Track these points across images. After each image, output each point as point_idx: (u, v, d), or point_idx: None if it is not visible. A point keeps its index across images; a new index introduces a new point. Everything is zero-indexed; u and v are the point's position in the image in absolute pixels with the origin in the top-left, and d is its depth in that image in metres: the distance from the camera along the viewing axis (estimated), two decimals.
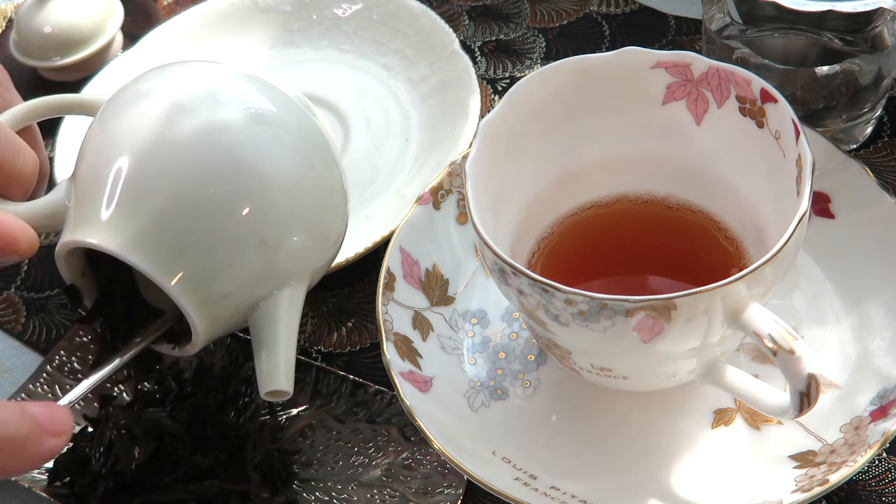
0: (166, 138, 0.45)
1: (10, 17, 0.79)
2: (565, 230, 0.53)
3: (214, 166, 0.44)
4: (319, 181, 0.47)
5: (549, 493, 0.48)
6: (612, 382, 0.50)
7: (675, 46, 0.70)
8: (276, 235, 0.46)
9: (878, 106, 0.61)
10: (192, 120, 0.45)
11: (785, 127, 0.47)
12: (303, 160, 0.46)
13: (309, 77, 0.71)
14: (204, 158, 0.44)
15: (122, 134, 0.46)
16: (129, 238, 0.44)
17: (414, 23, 0.70)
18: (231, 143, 0.45)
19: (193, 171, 0.44)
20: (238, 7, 0.74)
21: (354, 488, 0.52)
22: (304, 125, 0.47)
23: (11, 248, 0.44)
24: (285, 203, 0.46)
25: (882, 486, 0.50)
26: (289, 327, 0.46)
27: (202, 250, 0.44)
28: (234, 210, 0.45)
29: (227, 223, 0.44)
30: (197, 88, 0.47)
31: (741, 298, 0.43)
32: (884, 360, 0.50)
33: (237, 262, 0.45)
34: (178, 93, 0.46)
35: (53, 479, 0.52)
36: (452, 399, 0.52)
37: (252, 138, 0.45)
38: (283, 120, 0.47)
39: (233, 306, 0.46)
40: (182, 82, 0.47)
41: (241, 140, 0.45)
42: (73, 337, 0.58)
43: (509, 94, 0.50)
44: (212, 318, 0.45)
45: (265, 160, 0.45)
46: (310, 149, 0.47)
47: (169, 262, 0.44)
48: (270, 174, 0.45)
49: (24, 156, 0.46)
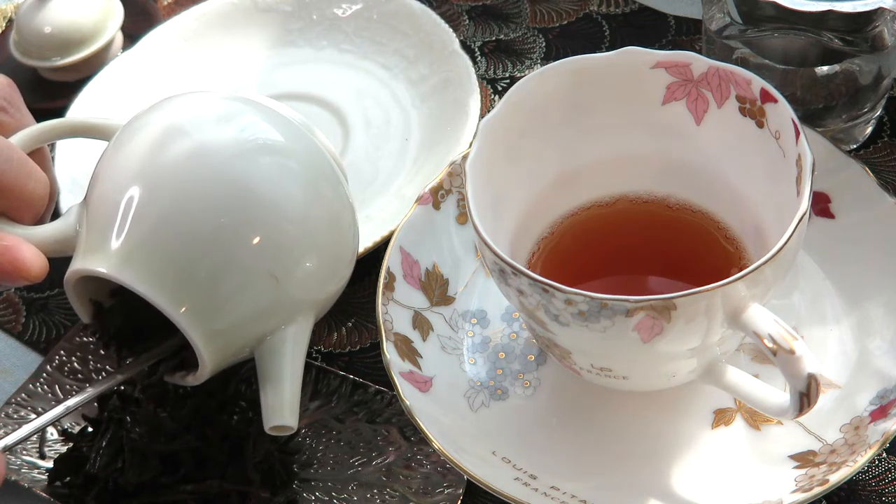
0: (178, 170, 0.45)
1: (10, 17, 0.79)
2: (565, 230, 0.53)
3: (225, 199, 0.45)
4: (329, 211, 0.47)
5: (549, 493, 0.48)
6: (612, 382, 0.50)
7: (675, 46, 0.70)
8: (287, 269, 0.46)
9: (878, 106, 0.61)
10: (203, 152, 0.45)
11: (785, 127, 0.47)
12: (312, 191, 0.47)
13: (309, 77, 0.71)
14: (215, 191, 0.45)
15: (134, 164, 0.46)
16: (138, 268, 0.44)
17: (414, 23, 0.70)
18: (241, 176, 0.45)
19: (204, 203, 0.44)
20: (238, 7, 0.74)
21: (354, 488, 0.52)
22: (311, 153, 0.47)
23: (23, 274, 0.44)
24: (296, 235, 0.46)
25: (882, 486, 0.50)
26: (294, 362, 0.47)
27: (211, 283, 0.44)
28: (245, 243, 0.45)
29: (238, 256, 0.45)
30: (207, 120, 0.47)
31: (741, 298, 0.43)
32: (884, 360, 0.50)
33: (246, 295, 0.45)
34: (189, 124, 0.46)
35: (53, 479, 0.52)
36: (452, 399, 0.52)
37: (262, 169, 0.45)
38: (291, 149, 0.47)
39: (240, 339, 0.46)
40: (193, 113, 0.47)
41: (250, 172, 0.45)
42: (73, 337, 0.58)
43: (509, 94, 0.50)
44: (219, 350, 0.46)
45: (275, 192, 0.45)
46: (318, 177, 0.47)
47: (178, 293, 0.44)
48: (281, 206, 0.45)
49: (35, 178, 0.46)
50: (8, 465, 0.53)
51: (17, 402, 0.56)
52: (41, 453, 0.54)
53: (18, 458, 0.53)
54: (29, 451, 0.54)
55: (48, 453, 0.54)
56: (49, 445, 0.54)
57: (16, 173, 0.45)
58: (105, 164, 0.47)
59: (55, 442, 0.54)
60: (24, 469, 0.53)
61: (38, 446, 0.54)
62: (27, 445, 0.54)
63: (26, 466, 0.53)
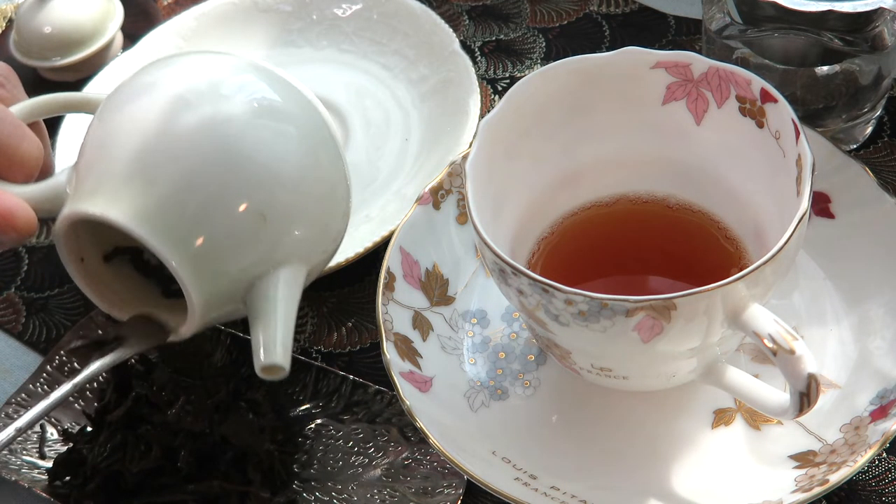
0: (168, 115, 0.46)
1: (10, 17, 0.79)
2: (565, 230, 0.53)
3: (216, 139, 0.45)
4: (318, 162, 0.48)
5: (549, 493, 0.48)
6: (612, 382, 0.50)
7: (675, 46, 0.70)
8: (276, 211, 0.46)
9: (878, 106, 0.61)
10: (190, 95, 0.46)
11: (785, 127, 0.47)
12: (305, 143, 0.47)
13: (309, 77, 0.71)
14: (202, 129, 0.45)
15: (126, 116, 0.46)
16: (129, 207, 0.44)
17: (414, 23, 0.70)
18: (233, 117, 0.46)
19: (191, 142, 0.45)
20: (238, 7, 0.74)
21: (354, 488, 0.52)
22: (301, 104, 0.48)
23: (8, 223, 0.44)
24: (286, 178, 0.46)
25: (882, 486, 0.50)
26: (286, 305, 0.46)
27: (200, 219, 0.45)
28: (235, 181, 0.45)
29: (227, 194, 0.45)
30: (198, 73, 0.47)
31: (741, 298, 0.43)
32: (884, 360, 0.50)
33: (234, 232, 0.45)
34: (179, 78, 0.47)
35: (53, 479, 0.52)
36: (452, 399, 0.52)
37: (250, 111, 0.46)
38: (285, 106, 0.48)
39: (230, 281, 0.46)
40: (182, 70, 0.48)
41: (243, 115, 0.46)
42: (73, 337, 0.58)
43: (509, 94, 0.50)
44: (209, 294, 0.45)
45: (267, 136, 0.46)
46: (314, 135, 0.48)
47: (166, 231, 0.44)
48: (272, 150, 0.46)
49: (28, 141, 0.47)
50: (8, 466, 0.53)
51: (17, 402, 0.56)
52: (41, 453, 0.54)
53: (18, 458, 0.53)
54: (29, 451, 0.54)
55: (48, 453, 0.54)
56: (49, 445, 0.54)
57: (8, 133, 0.46)
58: (96, 124, 0.48)
59: (55, 442, 0.54)
60: (24, 469, 0.53)
61: (38, 446, 0.54)
62: (27, 446, 0.54)
63: (26, 466, 0.53)
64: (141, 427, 0.51)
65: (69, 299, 0.62)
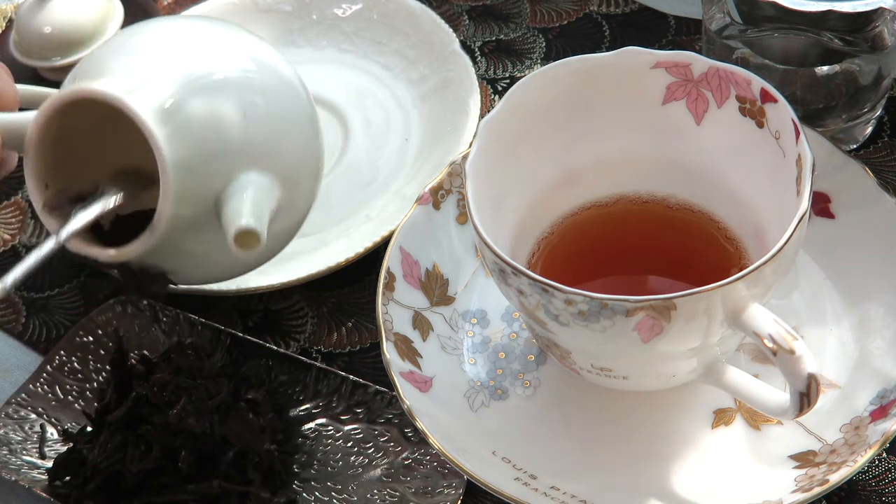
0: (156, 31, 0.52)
1: (10, 17, 0.79)
2: (565, 230, 0.53)
3: (212, 36, 0.51)
4: (298, 106, 0.52)
5: (549, 493, 0.48)
6: (612, 382, 0.50)
7: (675, 46, 0.70)
8: (253, 108, 0.49)
9: (878, 106, 0.61)
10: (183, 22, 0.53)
11: (785, 127, 0.47)
12: (287, 84, 0.52)
13: (309, 77, 0.70)
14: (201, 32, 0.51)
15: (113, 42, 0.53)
16: (119, 84, 0.47)
17: (414, 23, 0.70)
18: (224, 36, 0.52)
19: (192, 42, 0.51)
20: (238, 7, 0.74)
21: (354, 488, 0.52)
22: (286, 67, 0.54)
23: None
24: (267, 91, 0.51)
25: (882, 486, 0.50)
26: (256, 194, 0.47)
27: (183, 99, 0.48)
28: (220, 76, 0.50)
29: (212, 85, 0.49)
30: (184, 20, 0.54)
31: (741, 298, 0.43)
32: (884, 360, 0.50)
33: (216, 119, 0.48)
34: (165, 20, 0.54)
35: (53, 479, 0.52)
36: (452, 399, 0.52)
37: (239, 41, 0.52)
38: (268, 63, 0.53)
39: (203, 172, 0.47)
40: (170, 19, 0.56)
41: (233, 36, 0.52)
42: (73, 337, 0.58)
43: (509, 94, 0.50)
44: (183, 179, 0.47)
45: (251, 55, 0.52)
46: (296, 91, 0.53)
47: (156, 107, 0.47)
48: (256, 68, 0.51)
49: (5, 82, 0.50)
50: (8, 466, 0.53)
51: (17, 402, 0.56)
52: (41, 453, 0.54)
53: (18, 458, 0.53)
54: (29, 451, 0.54)
55: (48, 453, 0.54)
56: (49, 445, 0.54)
57: None
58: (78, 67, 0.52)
59: (55, 442, 0.54)
60: (24, 469, 0.53)
61: (38, 446, 0.54)
62: (27, 445, 0.54)
63: (26, 466, 0.53)
64: (141, 427, 0.51)
65: (69, 299, 0.62)
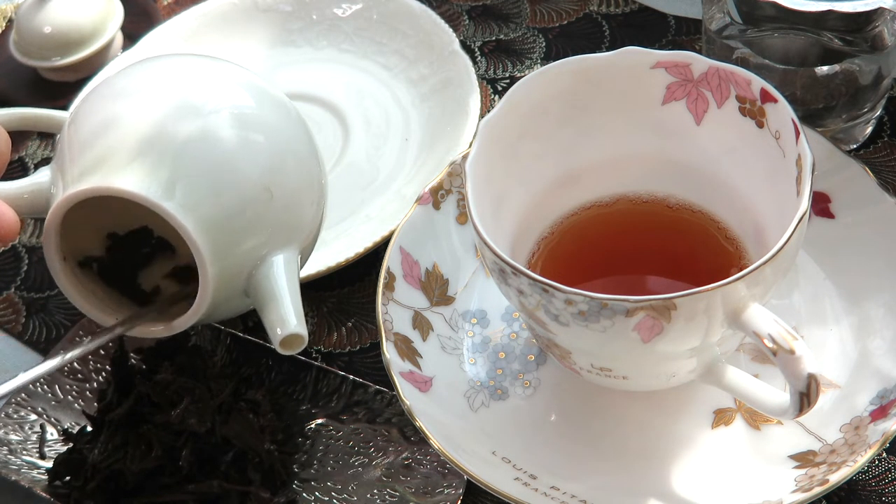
0: (175, 97, 0.47)
1: (10, 17, 0.79)
2: (565, 230, 0.53)
3: (225, 116, 0.47)
4: (307, 151, 0.49)
5: (549, 493, 0.48)
6: (612, 382, 0.50)
7: (675, 46, 0.70)
8: (280, 187, 0.47)
9: (878, 106, 0.61)
10: (188, 75, 0.48)
11: (785, 127, 0.47)
12: (295, 128, 0.49)
13: (309, 77, 0.71)
14: (215, 111, 0.47)
15: (121, 104, 0.47)
16: (141, 179, 0.44)
17: (414, 23, 0.70)
18: (238, 103, 0.48)
19: (205, 120, 0.46)
20: (238, 7, 0.74)
21: (354, 488, 0.52)
22: (286, 103, 0.50)
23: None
24: (287, 159, 0.48)
25: (882, 486, 0.50)
26: (291, 283, 0.47)
27: (213, 189, 0.45)
28: (244, 155, 0.46)
29: (237, 166, 0.46)
30: (182, 72, 0.49)
31: (741, 298, 0.43)
32: (884, 360, 0.50)
33: (245, 206, 0.46)
34: (170, 73, 0.49)
35: (53, 479, 0.52)
36: (452, 399, 0.52)
37: (257, 104, 0.48)
38: (271, 101, 0.50)
39: (237, 260, 0.46)
40: (168, 62, 0.50)
41: (246, 101, 0.48)
42: (73, 337, 0.58)
43: (509, 94, 0.50)
44: (220, 268, 0.45)
45: (269, 121, 0.48)
46: (298, 124, 0.50)
47: (184, 202, 0.44)
48: (274, 132, 0.48)
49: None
50: (8, 465, 0.53)
51: (18, 402, 0.56)
52: (41, 453, 0.54)
53: (18, 458, 0.53)
54: (29, 451, 0.54)
55: (48, 453, 0.54)
56: (49, 445, 0.54)
57: None
58: (74, 121, 0.48)
59: (55, 442, 0.54)
60: (24, 469, 0.53)
61: (38, 446, 0.54)
62: (27, 445, 0.54)
63: (26, 466, 0.53)
64: (142, 426, 0.51)
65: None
